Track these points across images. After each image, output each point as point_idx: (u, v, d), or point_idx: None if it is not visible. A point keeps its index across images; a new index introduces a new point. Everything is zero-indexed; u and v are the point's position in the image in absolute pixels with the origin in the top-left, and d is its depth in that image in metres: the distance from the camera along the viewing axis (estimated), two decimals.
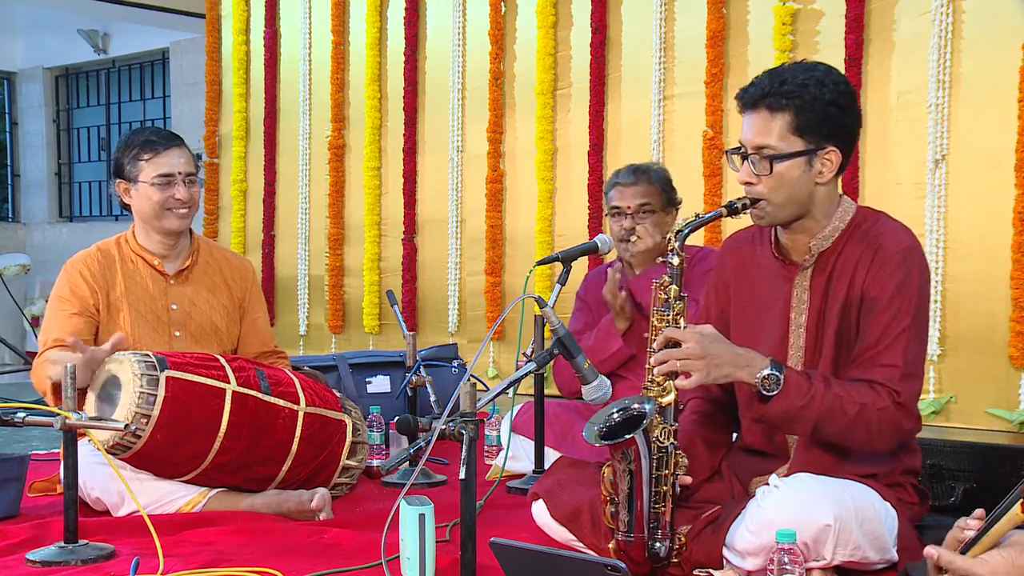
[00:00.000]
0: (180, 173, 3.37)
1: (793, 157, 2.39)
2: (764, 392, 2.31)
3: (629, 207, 3.54)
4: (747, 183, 2.43)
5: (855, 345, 2.43)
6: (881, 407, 2.33)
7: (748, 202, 2.43)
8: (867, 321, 2.40)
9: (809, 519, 2.24)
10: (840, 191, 2.56)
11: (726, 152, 2.53)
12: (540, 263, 3.49)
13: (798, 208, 2.44)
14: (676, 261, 2.41)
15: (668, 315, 2.41)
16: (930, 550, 1.90)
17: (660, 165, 3.61)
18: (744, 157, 2.43)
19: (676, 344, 2.33)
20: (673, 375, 2.35)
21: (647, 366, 2.41)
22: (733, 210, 2.44)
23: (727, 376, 2.32)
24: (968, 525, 1.94)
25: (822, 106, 2.38)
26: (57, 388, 3.09)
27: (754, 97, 2.41)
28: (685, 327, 2.38)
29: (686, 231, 2.41)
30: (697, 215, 2.46)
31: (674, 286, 2.41)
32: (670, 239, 2.42)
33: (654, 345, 2.38)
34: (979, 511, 1.94)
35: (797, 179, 2.40)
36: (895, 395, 2.34)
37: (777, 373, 2.30)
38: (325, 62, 6.51)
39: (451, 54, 5.89)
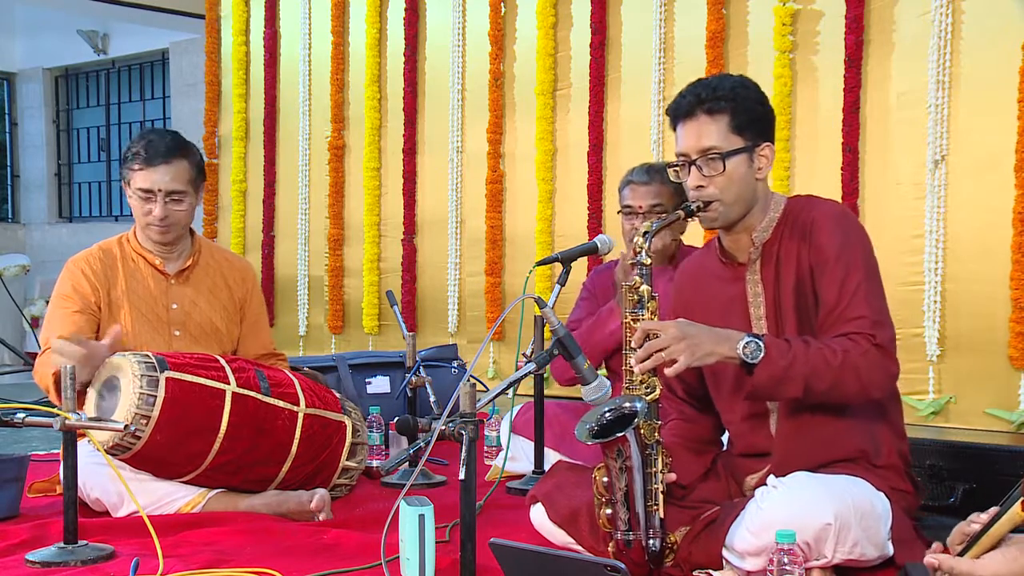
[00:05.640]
0: (160, 191, 3.30)
1: (739, 153, 2.51)
2: (749, 361, 2.34)
3: (641, 207, 3.45)
4: (698, 187, 2.52)
5: (817, 315, 2.49)
6: (864, 351, 2.38)
7: (702, 204, 2.52)
8: (821, 285, 2.47)
9: (810, 518, 2.25)
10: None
11: (667, 166, 2.63)
12: (540, 264, 3.49)
13: (745, 205, 2.54)
14: (647, 261, 2.48)
15: (643, 315, 2.46)
16: (930, 560, 1.90)
17: None
18: (688, 165, 2.53)
19: (655, 338, 2.36)
20: (654, 371, 2.39)
21: (625, 368, 2.44)
22: (689, 212, 2.53)
23: (710, 354, 2.36)
24: (980, 519, 1.93)
25: (752, 105, 2.54)
26: (59, 382, 3.09)
27: (690, 106, 2.54)
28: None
29: (650, 234, 2.50)
30: (660, 217, 2.59)
31: (645, 286, 2.47)
32: (637, 240, 2.49)
33: (632, 343, 2.40)
34: (994, 509, 1.93)
35: (743, 176, 2.52)
36: (872, 338, 2.39)
37: (757, 339, 2.36)
38: (325, 63, 6.52)
39: (451, 55, 5.90)
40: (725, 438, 2.78)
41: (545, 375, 3.68)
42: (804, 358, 2.35)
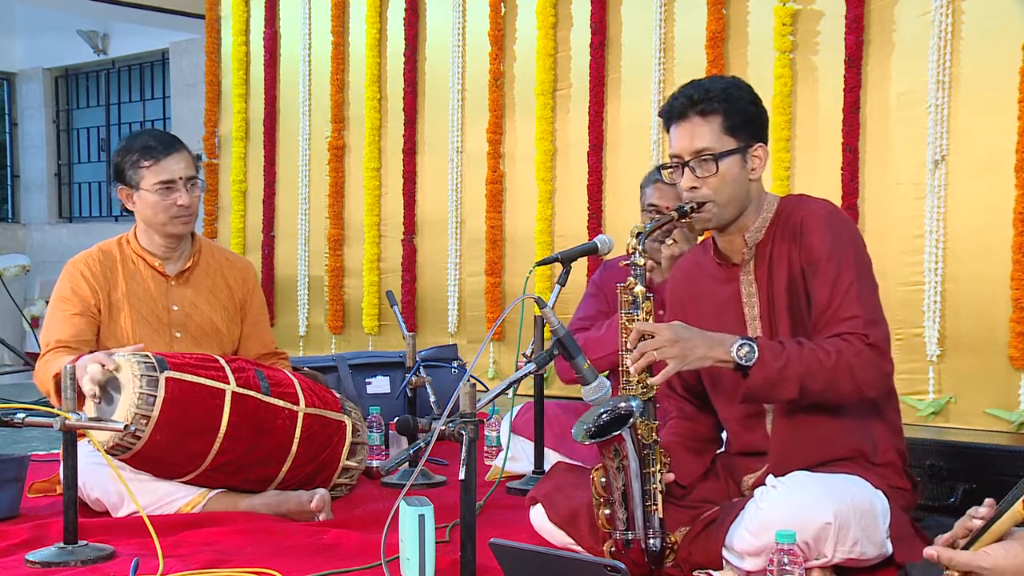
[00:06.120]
0: (181, 178, 3.34)
1: (732, 154, 2.51)
2: (743, 364, 2.35)
3: (668, 207, 3.31)
4: (692, 188, 2.52)
5: (810, 315, 2.49)
6: (857, 351, 2.38)
7: (695, 205, 2.52)
8: (813, 286, 2.47)
9: (809, 518, 2.26)
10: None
11: (658, 168, 2.64)
12: (540, 264, 3.48)
13: (739, 206, 2.55)
14: (641, 261, 2.48)
15: (638, 315, 2.47)
16: (929, 551, 1.90)
17: None
18: (682, 167, 2.53)
19: (650, 338, 2.37)
20: (649, 370, 2.39)
21: (621, 368, 2.43)
22: (683, 213, 2.53)
23: (702, 358, 2.36)
24: (979, 514, 1.94)
25: (745, 106, 2.54)
26: (60, 384, 3.09)
27: (683, 107, 2.54)
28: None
29: (644, 235, 2.50)
30: (654, 217, 2.60)
31: (640, 286, 2.47)
32: (631, 241, 2.49)
33: (628, 344, 2.41)
34: (990, 500, 1.94)
35: (736, 177, 2.52)
36: (865, 338, 2.39)
37: (751, 342, 2.36)
38: (325, 63, 6.51)
39: (451, 55, 5.89)
40: (725, 436, 2.78)
41: (546, 375, 3.68)
42: (798, 359, 2.35)
